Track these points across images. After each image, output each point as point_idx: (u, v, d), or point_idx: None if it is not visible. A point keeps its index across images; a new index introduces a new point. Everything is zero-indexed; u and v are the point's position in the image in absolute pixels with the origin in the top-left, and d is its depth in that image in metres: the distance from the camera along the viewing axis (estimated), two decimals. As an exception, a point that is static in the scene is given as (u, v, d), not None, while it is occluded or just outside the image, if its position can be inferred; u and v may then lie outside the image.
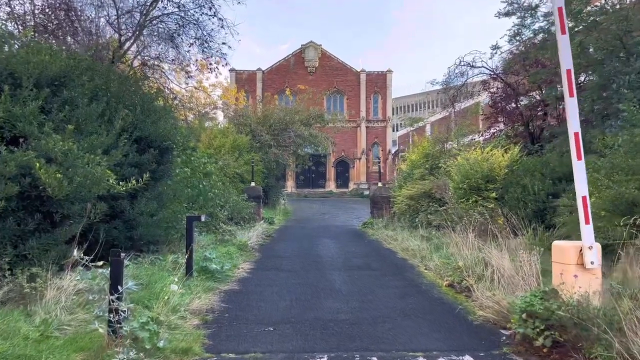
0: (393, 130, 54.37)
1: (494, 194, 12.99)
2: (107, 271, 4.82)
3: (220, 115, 30.31)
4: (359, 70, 50.51)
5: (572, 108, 4.86)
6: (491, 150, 14.14)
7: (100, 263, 4.87)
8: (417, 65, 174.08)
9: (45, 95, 6.98)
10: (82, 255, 4.54)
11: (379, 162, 20.51)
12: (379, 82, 50.73)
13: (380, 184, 19.84)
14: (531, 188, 11.28)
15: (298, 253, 12.25)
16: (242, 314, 6.42)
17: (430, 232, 13.45)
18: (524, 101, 15.07)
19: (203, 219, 8.60)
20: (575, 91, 4.86)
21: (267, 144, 26.83)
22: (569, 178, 11.40)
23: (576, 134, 4.86)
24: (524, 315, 4.82)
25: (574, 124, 4.88)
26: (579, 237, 5.38)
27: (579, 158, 4.84)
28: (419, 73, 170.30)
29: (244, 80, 47.49)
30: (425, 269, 9.84)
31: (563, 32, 4.94)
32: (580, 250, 4.93)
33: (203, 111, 27.50)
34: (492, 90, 15.73)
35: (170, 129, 9.80)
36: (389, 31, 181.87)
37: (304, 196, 45.94)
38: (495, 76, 15.22)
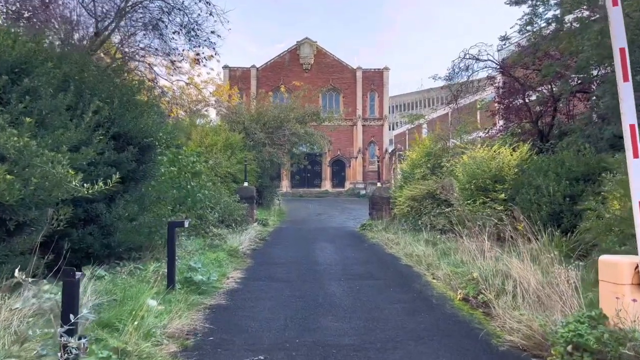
0: (390, 129, 53.56)
1: (502, 195, 12.15)
2: (58, 295, 3.91)
3: (212, 113, 29.36)
4: (355, 68, 49.64)
5: (627, 95, 4.00)
6: (499, 149, 13.30)
7: (46, 287, 3.95)
8: (412, 64, 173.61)
9: (2, 84, 6.07)
10: (23, 276, 3.60)
11: (378, 161, 19.54)
12: (375, 79, 49.87)
13: (379, 184, 18.98)
14: (545, 189, 10.44)
15: (293, 259, 11.36)
16: (229, 337, 5.52)
17: (434, 236, 12.60)
18: (532, 97, 14.23)
19: (186, 224, 7.69)
20: (630, 75, 4.00)
21: (261, 143, 25.92)
22: (588, 178, 10.60)
23: (632, 127, 4.00)
24: (569, 348, 3.95)
25: (629, 115, 4.02)
26: (616, 249, 4.55)
27: (636, 155, 3.98)
28: (414, 72, 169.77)
29: (237, 77, 46.50)
30: (434, 278, 8.97)
31: (615, 4, 4.09)
32: (637, 267, 4.07)
33: (195, 108, 26.55)
34: (498, 85, 14.88)
35: (152, 124, 8.88)
36: (383, 31, 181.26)
37: (299, 196, 45.04)
38: (502, 70, 14.36)
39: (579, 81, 11.57)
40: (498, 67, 14.49)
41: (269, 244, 14.16)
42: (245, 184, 19.40)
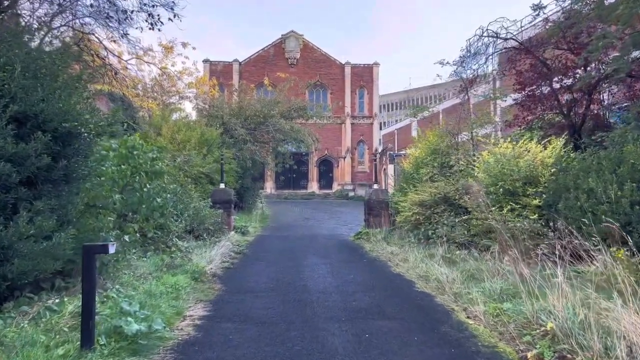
0: (380, 128, 51.26)
1: (536, 201, 9.80)
2: None
3: (189, 107, 26.68)
4: (343, 63, 47.17)
5: None
6: (527, 144, 10.96)
7: None
8: (399, 64, 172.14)
9: None
10: None
11: (375, 161, 17.10)
12: (365, 75, 47.48)
13: (376, 186, 16.52)
14: (603, 193, 8.10)
15: (276, 284, 8.83)
16: None
17: (452, 251, 10.20)
18: (563, 82, 11.92)
19: (112, 250, 5.12)
20: None
21: (242, 140, 23.31)
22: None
23: None
24: None
25: None
26: None
27: None
28: (401, 71, 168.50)
29: (219, 72, 43.77)
30: (468, 317, 6.54)
31: None
32: None
33: (168, 101, 23.87)
34: (520, 69, 12.55)
35: (74, 104, 6.28)
36: (370, 30, 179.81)
37: (285, 198, 42.49)
38: (527, 50, 12.01)
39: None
40: (522, 46, 12.12)
41: (246, 259, 11.60)
42: (222, 185, 16.82)
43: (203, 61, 45.21)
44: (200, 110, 24.63)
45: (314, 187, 46.73)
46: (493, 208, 9.97)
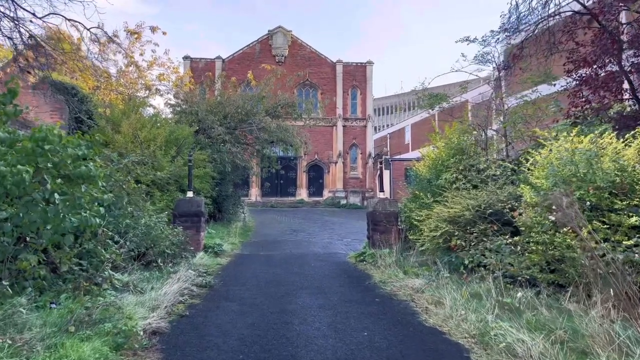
0: (376, 131, 48.20)
1: (634, 220, 6.70)
2: None
3: (161, 103, 23.27)
4: (335, 61, 44.03)
5: None
6: (608, 139, 7.87)
7: None
8: (391, 67, 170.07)
9: None
10: None
11: (380, 164, 13.94)
12: (357, 74, 44.38)
13: (382, 195, 13.32)
14: None
15: (250, 349, 5.58)
16: None
17: (507, 289, 7.04)
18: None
19: None
20: None
21: (220, 140, 20.00)
22: None
23: None
24: None
25: None
26: None
27: None
28: (394, 75, 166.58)
29: (200, 69, 40.41)
30: None
31: None
32: None
33: (134, 94, 20.48)
34: (580, 42, 9.54)
35: None
36: (357, 36, 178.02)
37: (271, 206, 39.17)
38: (591, 15, 8.97)
39: None
40: (587, 11, 9.08)
41: (212, 299, 8.30)
42: (189, 194, 13.50)
43: (183, 58, 41.88)
44: (173, 106, 21.28)
45: (303, 194, 43.45)
46: (565, 229, 6.85)
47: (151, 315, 6.59)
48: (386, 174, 29.85)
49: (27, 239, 6.80)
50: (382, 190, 13.41)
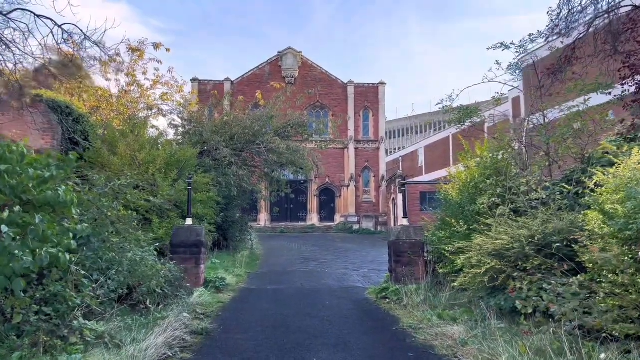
0: (387, 154, 46.82)
1: None
2: None
3: (164, 124, 22.18)
4: (346, 82, 43.01)
5: None
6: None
7: None
8: (401, 90, 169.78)
9: None
10: None
11: (404, 187, 12.39)
12: (369, 95, 43.25)
13: (406, 222, 11.80)
14: None
15: None
16: None
17: (585, 346, 5.45)
18: None
19: None
20: None
21: (226, 162, 18.70)
22: None
23: None
24: None
25: None
26: None
27: None
28: (404, 98, 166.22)
29: (208, 92, 39.46)
30: None
31: None
32: None
33: (135, 114, 19.37)
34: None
35: None
36: (370, 62, 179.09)
37: (280, 232, 37.67)
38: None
39: None
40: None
41: (207, 353, 6.78)
42: (189, 221, 12.11)
43: (191, 80, 41.14)
44: (177, 127, 20.11)
45: (314, 219, 41.90)
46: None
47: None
48: (399, 197, 28.33)
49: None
50: (405, 216, 11.89)
